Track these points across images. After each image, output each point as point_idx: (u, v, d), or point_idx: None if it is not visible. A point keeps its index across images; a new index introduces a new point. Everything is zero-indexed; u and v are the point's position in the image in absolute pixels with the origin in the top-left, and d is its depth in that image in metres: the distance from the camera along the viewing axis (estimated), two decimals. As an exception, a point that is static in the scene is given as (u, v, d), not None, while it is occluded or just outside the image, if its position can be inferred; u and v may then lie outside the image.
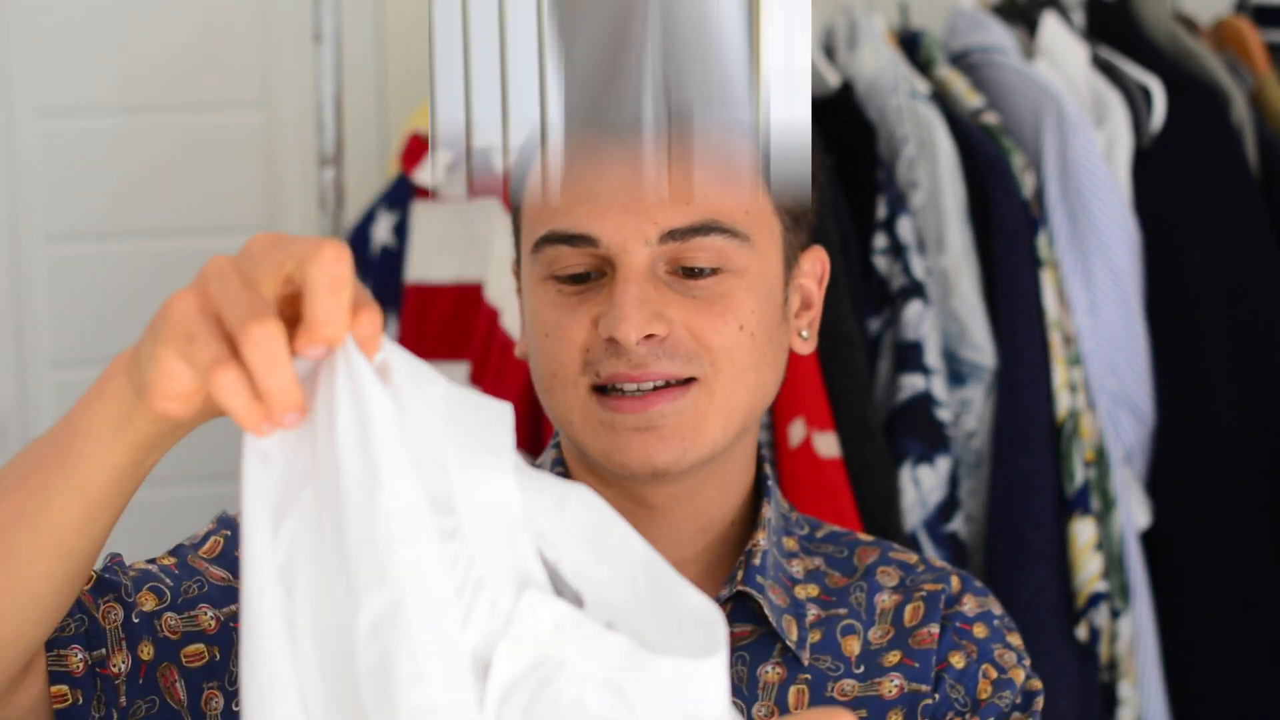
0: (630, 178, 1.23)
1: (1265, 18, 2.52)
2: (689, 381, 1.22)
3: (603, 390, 1.23)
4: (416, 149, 2.28)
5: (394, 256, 2.28)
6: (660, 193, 1.22)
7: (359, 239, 2.36)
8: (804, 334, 1.32)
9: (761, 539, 1.29)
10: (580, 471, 1.31)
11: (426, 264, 2.23)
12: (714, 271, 1.23)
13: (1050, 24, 2.32)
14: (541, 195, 1.26)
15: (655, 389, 1.22)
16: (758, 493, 1.33)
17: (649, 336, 1.21)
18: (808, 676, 1.27)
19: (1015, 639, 1.33)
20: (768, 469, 1.33)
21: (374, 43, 2.78)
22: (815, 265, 1.33)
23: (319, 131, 2.35)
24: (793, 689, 1.26)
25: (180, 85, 2.72)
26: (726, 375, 1.23)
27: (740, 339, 1.23)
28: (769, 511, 1.31)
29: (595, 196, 1.23)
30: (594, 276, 1.24)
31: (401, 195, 2.29)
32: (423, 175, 2.24)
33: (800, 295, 1.32)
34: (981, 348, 2.10)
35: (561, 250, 1.23)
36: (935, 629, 1.30)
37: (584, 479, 1.30)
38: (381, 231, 2.30)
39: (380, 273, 2.30)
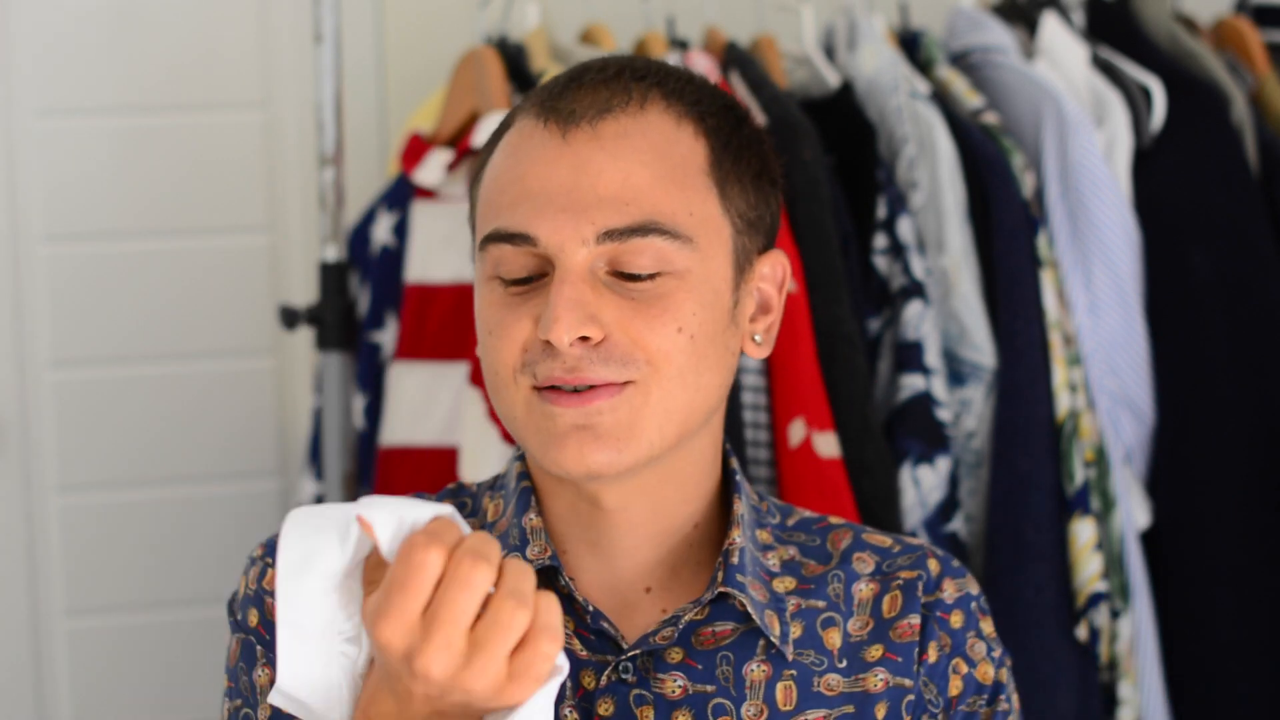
0: (572, 177, 1.23)
1: (1265, 18, 2.52)
2: (626, 384, 1.22)
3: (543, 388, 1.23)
4: (416, 149, 2.27)
5: (394, 256, 2.28)
6: (600, 193, 1.22)
7: (359, 239, 2.36)
8: (758, 338, 1.31)
9: (737, 536, 1.28)
10: (538, 475, 1.31)
11: (426, 264, 2.23)
12: (653, 276, 1.23)
13: (1050, 24, 2.32)
14: (491, 191, 1.27)
15: (592, 387, 1.22)
16: (726, 492, 1.32)
17: (584, 339, 1.21)
18: (793, 672, 1.27)
19: (987, 624, 1.34)
20: (734, 464, 1.33)
21: (374, 43, 2.78)
22: (775, 269, 1.32)
23: (319, 131, 2.35)
24: (780, 685, 1.27)
25: (180, 85, 2.72)
26: (664, 377, 1.22)
27: (678, 341, 1.23)
28: (741, 507, 1.30)
29: (536, 195, 1.23)
30: (536, 278, 1.24)
31: (401, 195, 2.29)
32: (423, 175, 2.24)
33: (758, 299, 1.31)
34: (981, 348, 2.10)
35: (504, 250, 1.24)
36: (916, 620, 1.30)
37: (545, 481, 1.30)
38: (381, 231, 2.30)
39: (380, 273, 2.30)
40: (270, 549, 1.30)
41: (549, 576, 1.28)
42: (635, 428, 1.22)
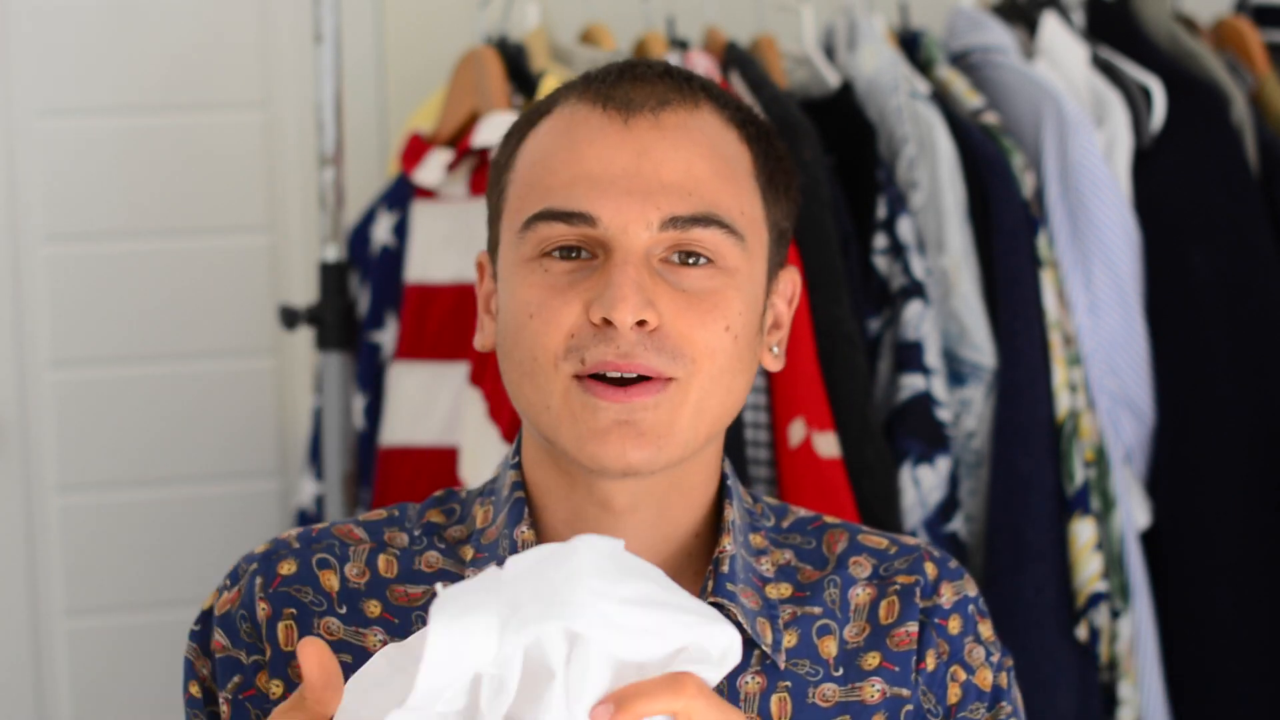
0: (635, 163, 1.23)
1: (1265, 18, 2.52)
2: (668, 381, 1.21)
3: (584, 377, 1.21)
4: (416, 149, 2.27)
5: (394, 256, 2.28)
6: (663, 179, 1.22)
7: (359, 239, 2.36)
8: (775, 350, 1.31)
9: (728, 543, 1.27)
10: (544, 478, 1.28)
11: (426, 264, 2.23)
12: (709, 262, 1.23)
13: (1050, 24, 2.32)
14: (536, 172, 1.25)
15: (638, 380, 1.20)
16: (721, 499, 1.31)
17: (641, 323, 1.20)
18: (788, 684, 1.25)
19: (986, 628, 1.32)
20: (726, 469, 1.31)
21: (374, 43, 2.78)
22: (788, 286, 1.32)
23: (319, 131, 2.35)
24: (774, 698, 1.25)
25: (180, 85, 2.72)
26: (705, 376, 1.22)
27: (724, 340, 1.22)
28: (732, 513, 1.29)
29: (597, 177, 1.22)
30: (584, 256, 1.22)
31: (401, 195, 2.29)
32: (423, 175, 2.24)
33: (772, 314, 1.31)
34: (981, 348, 2.10)
35: (555, 229, 1.22)
36: (913, 628, 1.29)
37: (549, 484, 1.28)
38: (381, 231, 2.30)
39: (380, 273, 2.30)
40: (234, 575, 1.30)
41: None
42: (674, 426, 1.21)
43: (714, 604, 1.25)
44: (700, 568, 1.29)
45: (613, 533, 1.26)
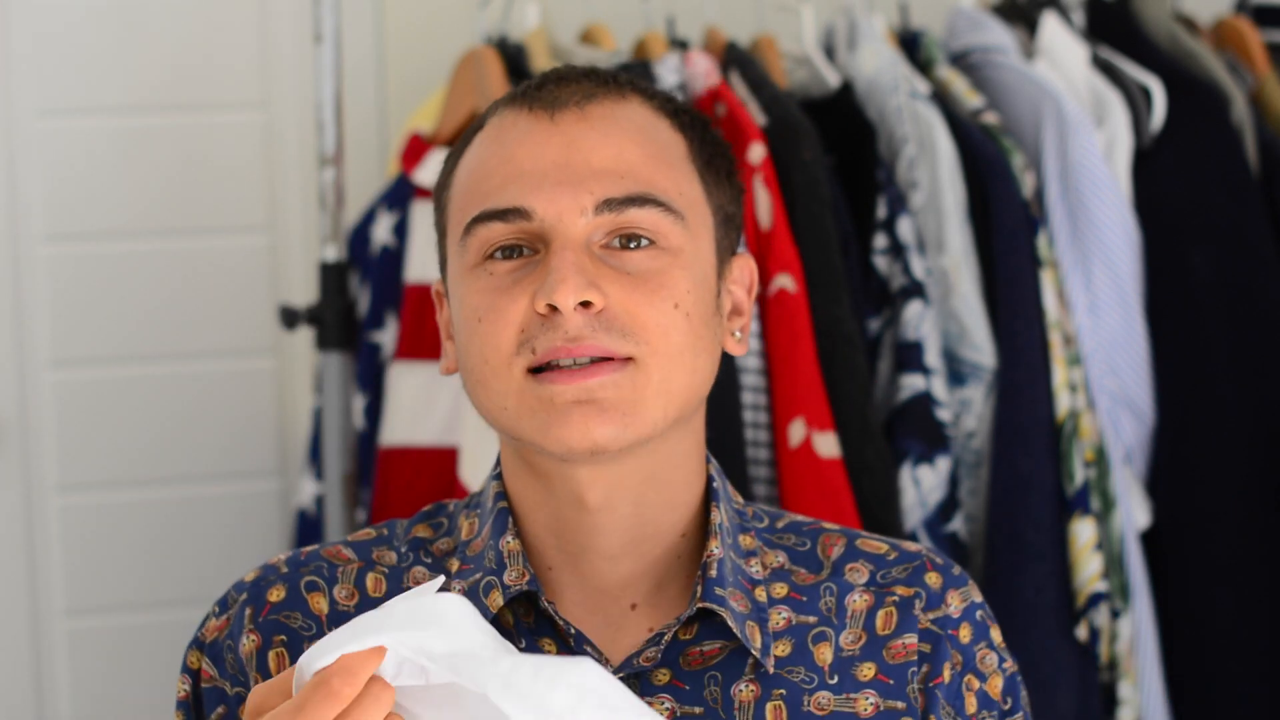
0: (564, 154, 1.23)
1: (1265, 18, 2.52)
2: (627, 361, 1.20)
3: (539, 371, 1.21)
4: (416, 149, 2.28)
5: (394, 256, 2.28)
6: (594, 166, 1.22)
7: (359, 239, 2.36)
8: (737, 334, 1.31)
9: (715, 547, 1.26)
10: (523, 488, 1.28)
11: (426, 264, 2.23)
12: (650, 244, 1.23)
13: (1050, 24, 2.32)
14: (471, 181, 1.26)
15: (593, 362, 1.20)
16: (709, 502, 1.30)
17: (586, 305, 1.20)
18: (783, 692, 1.24)
19: (996, 633, 1.32)
20: (713, 470, 1.30)
21: (374, 43, 2.78)
22: (744, 273, 1.32)
23: (319, 131, 2.35)
24: (769, 706, 1.24)
25: (180, 85, 2.72)
26: (663, 355, 1.21)
27: (675, 317, 1.22)
28: (719, 516, 1.28)
29: (529, 172, 1.23)
30: (526, 254, 1.23)
31: (401, 195, 2.29)
32: (423, 175, 2.24)
33: (730, 300, 1.31)
34: (981, 348, 2.10)
35: (495, 229, 1.22)
36: (911, 640, 1.27)
37: (526, 492, 1.27)
38: (381, 231, 2.30)
39: (380, 273, 2.30)
40: (224, 603, 1.29)
41: (529, 600, 1.26)
42: (639, 404, 1.20)
43: (704, 609, 1.25)
44: (690, 570, 1.28)
45: (590, 534, 1.26)
